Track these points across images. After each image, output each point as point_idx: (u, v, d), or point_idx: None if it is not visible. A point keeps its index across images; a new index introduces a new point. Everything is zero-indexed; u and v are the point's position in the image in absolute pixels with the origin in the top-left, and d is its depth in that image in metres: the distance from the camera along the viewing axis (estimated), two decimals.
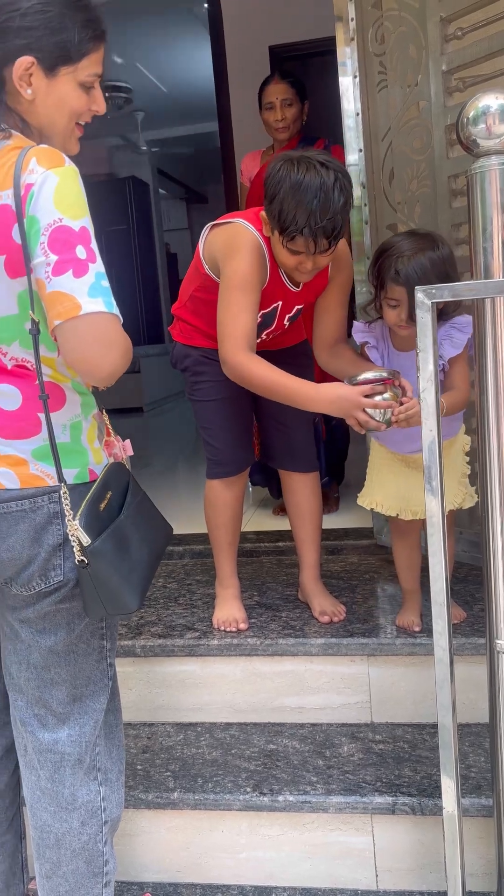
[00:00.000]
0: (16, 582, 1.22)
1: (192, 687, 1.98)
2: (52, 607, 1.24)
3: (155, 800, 1.71)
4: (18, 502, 1.18)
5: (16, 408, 1.19)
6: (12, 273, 1.12)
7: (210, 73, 4.82)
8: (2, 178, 1.11)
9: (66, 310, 1.08)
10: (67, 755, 1.31)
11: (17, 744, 1.35)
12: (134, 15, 5.54)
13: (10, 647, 1.30)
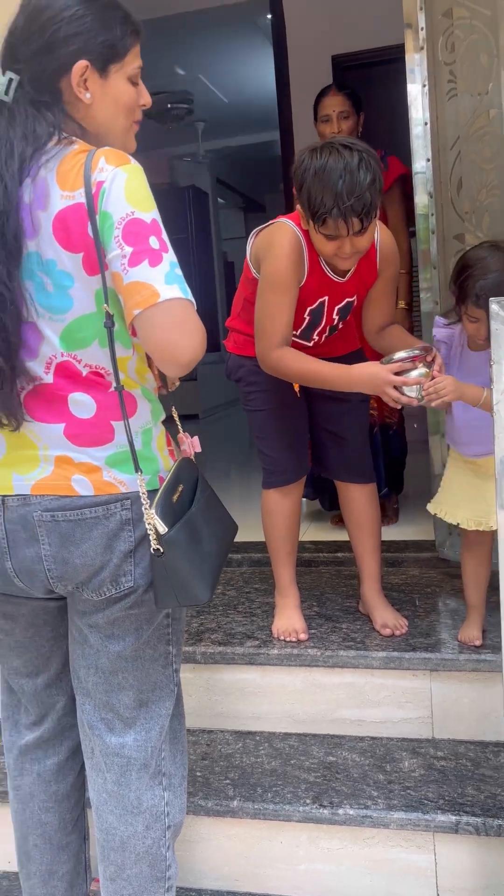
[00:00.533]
0: (87, 587, 1.24)
1: (251, 695, 1.98)
2: (121, 613, 1.26)
3: (215, 807, 1.71)
4: (92, 509, 1.20)
5: (90, 416, 1.20)
6: (90, 270, 1.15)
7: (271, 83, 4.84)
8: (73, 179, 1.13)
9: (145, 298, 1.10)
10: (134, 759, 1.32)
11: (84, 746, 1.37)
12: (197, 28, 5.60)
13: (78, 652, 1.32)
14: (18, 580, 1.24)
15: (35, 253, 1.15)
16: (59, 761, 1.44)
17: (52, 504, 1.20)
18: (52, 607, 1.34)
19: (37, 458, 1.21)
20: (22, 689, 1.42)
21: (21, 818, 1.45)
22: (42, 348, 1.18)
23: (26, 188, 1.14)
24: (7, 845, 1.86)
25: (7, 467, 1.22)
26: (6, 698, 1.48)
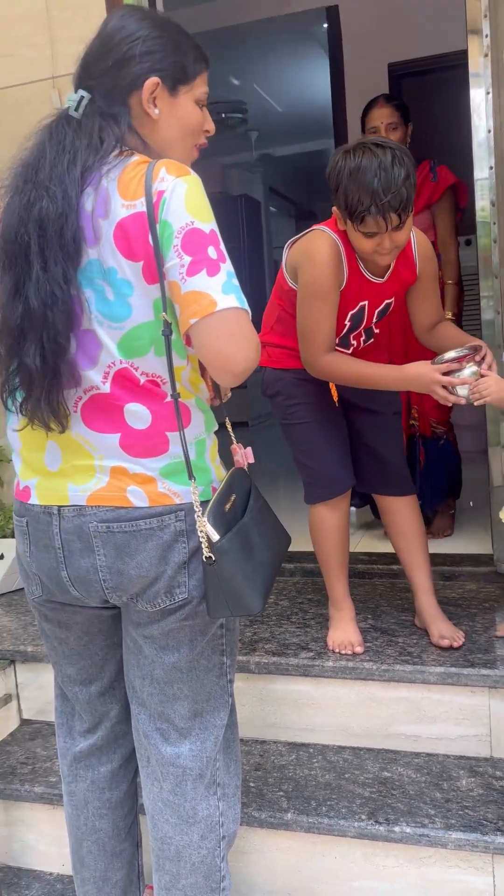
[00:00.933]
0: (142, 598, 1.24)
1: (305, 707, 1.96)
2: (175, 624, 1.26)
3: (268, 819, 1.70)
4: (147, 520, 1.21)
5: (145, 427, 1.21)
6: (150, 279, 1.15)
7: (325, 92, 4.84)
8: (134, 189, 1.15)
9: (202, 307, 1.11)
10: (189, 769, 1.32)
11: (139, 755, 1.37)
12: (253, 39, 5.64)
13: (133, 662, 1.33)
14: (74, 589, 1.25)
15: (96, 261, 1.16)
16: (112, 769, 1.45)
17: (107, 515, 1.20)
18: (107, 616, 1.35)
19: (92, 469, 1.22)
20: (76, 697, 1.42)
21: (75, 824, 1.46)
22: (101, 356, 1.19)
23: (88, 196, 1.16)
24: (62, 848, 1.88)
25: (63, 478, 1.23)
26: (60, 705, 1.49)
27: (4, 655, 2.18)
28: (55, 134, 1.19)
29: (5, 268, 1.17)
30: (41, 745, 2.07)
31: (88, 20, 2.49)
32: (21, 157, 1.21)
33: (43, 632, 1.40)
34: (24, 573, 1.34)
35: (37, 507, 1.25)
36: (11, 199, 1.18)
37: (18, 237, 1.15)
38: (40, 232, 1.14)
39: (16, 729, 2.18)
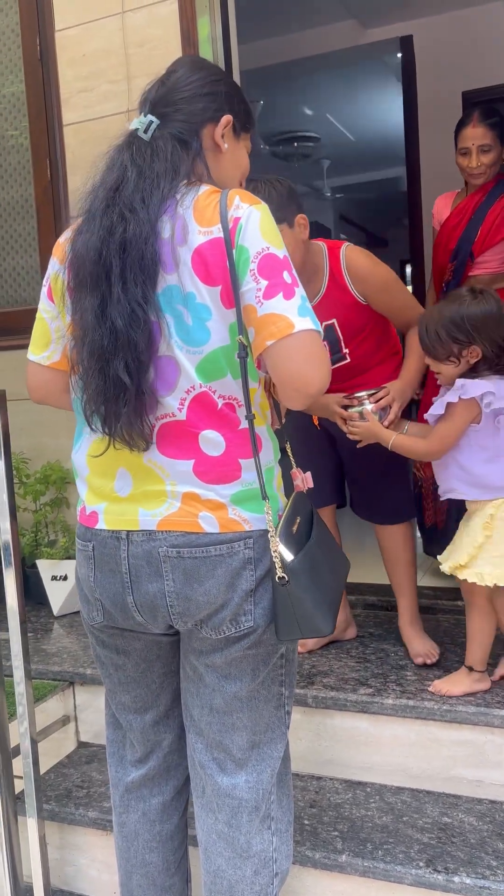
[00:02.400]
0: (206, 625, 1.23)
1: (363, 745, 1.91)
2: (239, 653, 1.25)
3: (322, 860, 1.65)
4: (217, 547, 1.21)
5: (219, 454, 1.22)
6: (227, 303, 1.18)
7: (398, 120, 4.84)
8: (209, 216, 1.18)
9: (280, 329, 1.14)
10: (245, 801, 1.30)
11: (194, 785, 1.36)
12: (326, 69, 5.69)
13: (192, 690, 1.32)
14: (139, 614, 1.25)
15: (176, 286, 1.18)
16: (164, 801, 1.44)
17: (178, 540, 1.21)
18: (166, 643, 1.34)
19: (164, 494, 1.22)
20: (130, 725, 1.42)
21: (125, 856, 1.45)
22: (179, 381, 1.20)
23: (164, 224, 1.18)
24: (115, 875, 1.87)
25: (133, 503, 1.24)
26: (112, 734, 1.48)
27: (64, 677, 2.20)
28: (136, 158, 1.22)
29: (89, 289, 1.19)
30: (97, 769, 2.07)
31: (165, 57, 2.55)
32: (102, 179, 1.23)
33: (98, 658, 1.40)
34: (84, 598, 1.34)
35: (104, 531, 1.26)
36: (93, 221, 1.20)
37: (102, 259, 1.18)
38: (123, 255, 1.16)
39: (72, 751, 2.19)
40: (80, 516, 1.32)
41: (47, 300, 1.32)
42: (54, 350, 1.32)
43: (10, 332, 2.88)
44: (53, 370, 1.34)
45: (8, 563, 1.64)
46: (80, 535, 1.32)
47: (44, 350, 1.34)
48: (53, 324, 1.32)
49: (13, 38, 2.88)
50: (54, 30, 2.73)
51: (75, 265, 1.21)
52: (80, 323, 1.20)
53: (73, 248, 1.23)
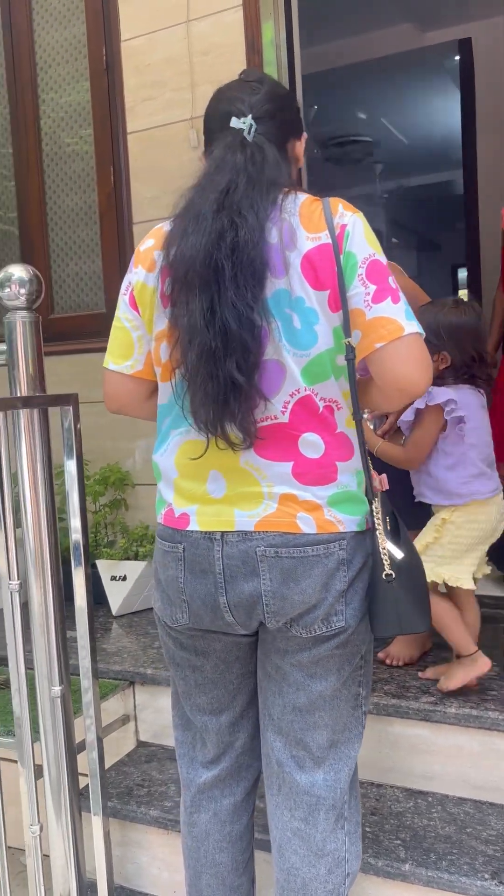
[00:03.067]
0: (298, 624, 1.25)
1: (424, 753, 1.90)
2: (327, 652, 1.27)
3: (385, 868, 1.65)
4: (314, 547, 1.23)
5: (318, 456, 1.24)
6: (334, 307, 1.21)
7: (453, 124, 4.80)
8: (315, 223, 1.22)
9: (390, 332, 1.18)
10: (322, 799, 1.31)
11: (269, 783, 1.37)
12: (382, 73, 5.67)
13: (274, 690, 1.33)
14: (230, 615, 1.27)
15: (285, 290, 1.20)
16: (235, 802, 1.45)
17: (275, 540, 1.23)
18: (245, 643, 1.36)
19: (260, 496, 1.24)
20: (205, 727, 1.43)
21: (195, 856, 1.46)
22: (284, 384, 1.22)
23: (271, 229, 1.20)
24: (174, 874, 1.89)
25: (229, 504, 1.26)
26: (181, 735, 1.50)
27: (125, 676, 2.23)
28: (248, 162, 1.22)
29: (198, 291, 1.19)
30: (157, 768, 2.10)
31: (229, 64, 2.58)
32: (211, 180, 1.23)
33: (174, 660, 1.42)
34: (166, 600, 1.34)
35: (196, 533, 1.27)
36: (203, 223, 1.20)
37: (213, 261, 1.18)
38: (233, 258, 1.17)
39: (132, 750, 2.22)
40: (165, 518, 1.33)
41: (130, 309, 1.33)
42: (137, 359, 1.34)
43: (72, 337, 2.94)
44: (136, 379, 1.36)
45: (77, 562, 1.68)
46: (166, 537, 1.32)
47: (126, 359, 1.35)
48: (136, 333, 1.33)
49: (80, 49, 2.94)
50: (120, 40, 2.78)
51: (178, 268, 1.21)
52: (187, 325, 1.20)
53: (175, 251, 1.22)
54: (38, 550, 1.64)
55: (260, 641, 1.34)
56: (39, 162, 3.06)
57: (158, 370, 1.31)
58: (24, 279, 1.62)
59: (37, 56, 3.04)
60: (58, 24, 2.99)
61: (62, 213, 3.08)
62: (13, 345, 1.64)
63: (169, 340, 1.25)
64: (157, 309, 1.28)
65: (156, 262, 1.28)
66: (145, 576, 2.73)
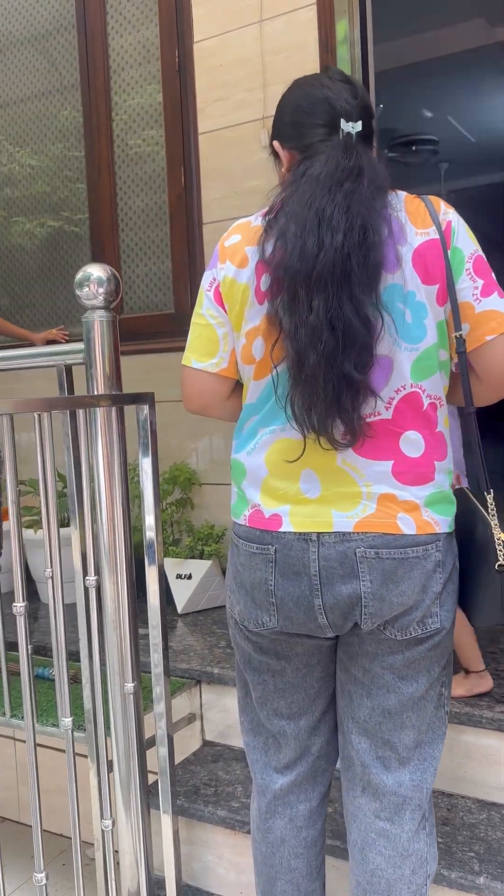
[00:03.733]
0: (393, 626, 1.24)
1: (497, 764, 1.85)
2: (420, 655, 1.26)
3: (458, 879, 1.61)
4: (413, 549, 1.22)
5: (418, 455, 1.23)
6: (441, 301, 1.22)
7: None
8: (422, 219, 1.23)
9: (500, 324, 1.22)
10: (409, 799, 1.30)
11: (351, 785, 1.36)
12: (450, 70, 5.58)
13: (361, 692, 1.32)
14: (324, 617, 1.25)
15: (398, 285, 1.20)
16: (311, 807, 1.43)
17: (376, 541, 1.21)
18: (326, 647, 1.34)
19: (358, 496, 1.22)
20: (282, 732, 1.40)
21: (269, 862, 1.45)
22: (392, 380, 1.21)
23: (381, 225, 1.19)
24: (241, 875, 1.89)
25: (325, 504, 1.24)
26: (252, 740, 1.47)
27: (192, 675, 2.24)
28: (364, 162, 1.21)
29: (322, 289, 1.15)
30: (223, 768, 2.10)
31: (301, 63, 2.57)
32: (328, 177, 1.19)
33: (250, 665, 1.39)
34: (252, 603, 1.30)
35: (289, 534, 1.25)
36: (327, 221, 1.16)
37: (341, 260, 1.15)
38: (362, 256, 1.15)
39: (198, 749, 2.22)
40: (251, 520, 1.30)
41: (215, 305, 1.31)
42: (222, 357, 1.32)
43: (141, 337, 2.97)
44: (221, 378, 1.34)
45: (151, 560, 1.69)
46: (254, 539, 1.28)
47: (210, 357, 1.33)
48: (221, 329, 1.31)
49: (152, 51, 2.97)
50: (193, 41, 2.80)
51: (290, 264, 1.17)
52: (308, 325, 1.16)
53: (285, 248, 1.18)
54: (113, 547, 1.65)
55: (344, 645, 1.32)
56: (111, 164, 3.10)
57: (249, 368, 1.29)
58: (102, 279, 1.63)
59: (110, 59, 3.08)
60: (131, 27, 3.03)
61: (132, 214, 3.11)
62: (91, 343, 1.66)
63: (266, 337, 1.23)
64: (250, 305, 1.26)
65: (248, 258, 1.26)
66: (210, 575, 2.74)
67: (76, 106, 3.21)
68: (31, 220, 3.43)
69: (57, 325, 3.33)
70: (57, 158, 3.32)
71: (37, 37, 3.31)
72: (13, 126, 3.43)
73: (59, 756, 2.41)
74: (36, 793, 1.37)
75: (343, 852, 1.70)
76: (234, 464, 1.35)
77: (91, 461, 1.63)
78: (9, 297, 3.54)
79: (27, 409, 1.46)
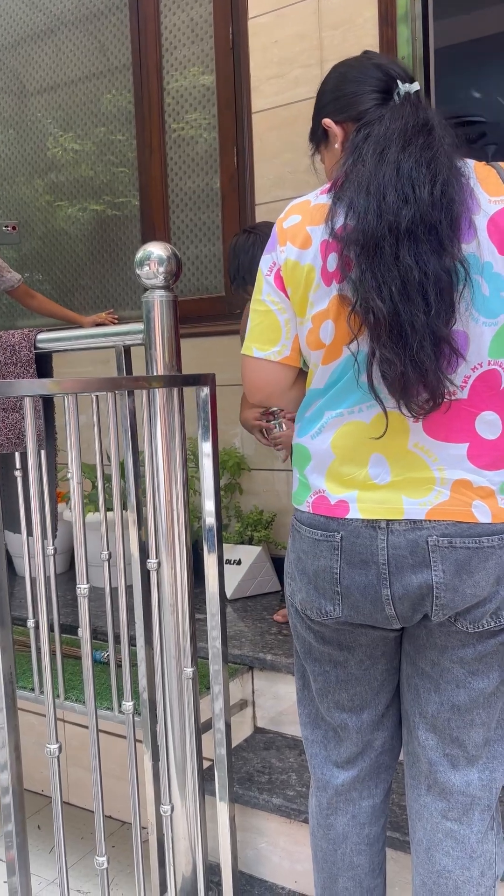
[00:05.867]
0: (465, 617, 1.19)
1: None
2: (492, 648, 1.21)
3: None
4: (489, 538, 1.16)
5: (495, 437, 1.17)
6: None
7: None
8: (494, 186, 1.16)
9: None
10: (478, 799, 1.26)
11: (415, 783, 1.32)
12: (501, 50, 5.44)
13: (429, 686, 1.27)
14: (391, 608, 1.21)
15: (474, 255, 1.13)
16: (374, 804, 1.40)
17: (449, 529, 1.16)
18: (392, 638, 1.30)
19: (431, 481, 1.17)
20: (343, 725, 1.36)
21: (331, 859, 1.41)
22: (469, 355, 1.14)
23: (455, 191, 1.12)
24: (296, 864, 1.87)
25: (396, 490, 1.19)
26: (311, 733, 1.43)
27: (244, 661, 2.22)
28: (436, 122, 1.15)
29: (403, 242, 1.10)
30: (276, 756, 2.08)
31: (359, 38, 2.51)
32: (399, 136, 1.13)
33: (311, 655, 1.35)
34: (314, 591, 1.26)
35: (357, 521, 1.20)
36: (401, 178, 1.11)
37: (417, 213, 1.10)
38: (446, 215, 1.10)
39: (250, 736, 2.21)
40: (314, 506, 1.25)
41: (276, 290, 1.25)
42: (284, 344, 1.27)
43: (193, 320, 2.95)
44: (284, 366, 1.29)
45: (211, 546, 1.66)
46: (318, 525, 1.24)
47: (273, 345, 1.27)
48: (283, 315, 1.26)
49: (206, 29, 2.92)
50: (248, 17, 2.75)
51: (367, 225, 1.11)
52: (389, 277, 1.09)
53: (357, 215, 1.12)
54: (172, 531, 1.63)
55: (410, 637, 1.28)
56: (163, 144, 3.07)
57: (317, 353, 1.23)
58: (162, 257, 1.60)
59: (162, 38, 3.04)
60: (184, 4, 2.98)
61: (184, 195, 3.08)
62: (151, 324, 1.63)
63: (337, 319, 1.17)
64: (315, 288, 1.20)
65: (311, 238, 1.20)
66: (260, 560, 2.71)
67: (124, 88, 3.18)
68: (73, 205, 3.42)
69: (107, 308, 3.32)
70: (100, 142, 3.30)
71: (89, 17, 3.28)
72: (59, 110, 3.41)
73: (106, 738, 2.41)
74: (98, 779, 1.36)
75: (401, 844, 1.67)
76: (296, 448, 1.30)
77: (152, 443, 1.61)
78: (59, 279, 3.54)
79: (93, 389, 1.45)
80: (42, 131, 3.49)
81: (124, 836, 2.41)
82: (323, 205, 1.20)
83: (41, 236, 3.56)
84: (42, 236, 3.56)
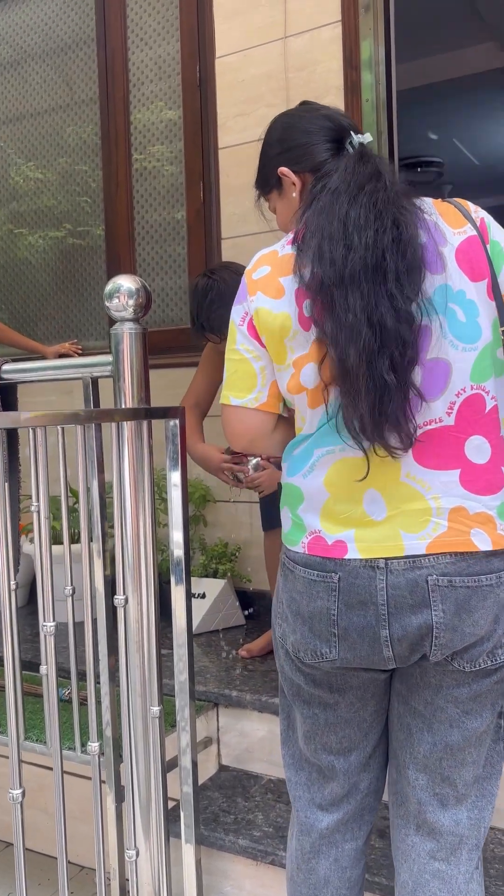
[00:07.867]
0: (462, 657, 1.18)
1: None
2: (486, 687, 1.20)
3: None
4: (488, 576, 1.16)
5: (485, 461, 1.17)
6: (490, 296, 1.19)
7: None
8: (454, 219, 1.22)
9: None
10: (466, 838, 1.24)
11: (402, 823, 1.30)
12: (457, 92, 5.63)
13: (421, 727, 1.25)
14: (389, 649, 1.18)
15: (446, 286, 1.16)
16: (357, 847, 1.36)
17: (448, 568, 1.15)
18: (382, 679, 1.28)
19: (427, 511, 1.16)
20: (331, 767, 1.33)
21: None
22: (451, 383, 1.15)
23: (417, 228, 1.16)
24: None
25: (393, 526, 1.16)
26: (295, 776, 1.39)
27: (209, 697, 2.18)
28: (385, 169, 1.20)
29: (356, 288, 1.12)
30: (242, 794, 2.04)
31: (324, 80, 2.57)
32: (358, 185, 1.17)
33: (300, 697, 1.32)
34: (310, 633, 1.23)
35: (356, 561, 1.17)
36: (357, 224, 1.14)
37: (373, 257, 1.12)
38: (396, 252, 1.12)
39: (214, 774, 2.16)
40: (310, 547, 1.22)
41: (250, 339, 1.26)
42: (261, 391, 1.27)
43: (160, 351, 2.94)
44: (262, 413, 1.28)
45: (178, 579, 1.64)
46: (314, 566, 1.21)
47: (249, 392, 1.27)
48: (258, 363, 1.26)
49: (173, 66, 2.96)
50: (215, 57, 2.79)
51: (327, 276, 1.14)
52: (347, 325, 1.12)
53: (319, 263, 1.15)
54: (139, 565, 1.61)
55: (403, 676, 1.26)
56: (129, 178, 3.08)
57: (301, 397, 1.22)
58: (132, 290, 1.60)
59: (130, 73, 3.07)
60: (152, 41, 3.02)
61: (150, 228, 3.09)
62: (120, 356, 1.62)
63: (318, 359, 1.18)
64: (292, 335, 1.20)
65: (284, 288, 1.21)
66: (225, 594, 2.69)
67: (90, 121, 3.20)
68: (33, 233, 3.41)
69: (70, 338, 3.30)
70: (63, 172, 3.30)
71: (55, 50, 3.30)
72: (23, 141, 3.41)
73: (66, 779, 2.33)
74: (62, 825, 1.32)
75: (374, 886, 1.64)
76: (286, 488, 1.28)
77: (120, 475, 1.59)
78: (21, 309, 3.51)
79: (61, 422, 1.43)
80: (4, 160, 3.48)
81: (83, 881, 2.33)
82: (290, 255, 1.22)
83: (2, 265, 3.53)
84: (2, 265, 3.53)
